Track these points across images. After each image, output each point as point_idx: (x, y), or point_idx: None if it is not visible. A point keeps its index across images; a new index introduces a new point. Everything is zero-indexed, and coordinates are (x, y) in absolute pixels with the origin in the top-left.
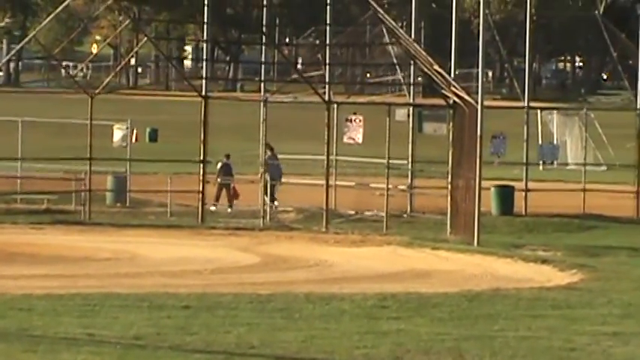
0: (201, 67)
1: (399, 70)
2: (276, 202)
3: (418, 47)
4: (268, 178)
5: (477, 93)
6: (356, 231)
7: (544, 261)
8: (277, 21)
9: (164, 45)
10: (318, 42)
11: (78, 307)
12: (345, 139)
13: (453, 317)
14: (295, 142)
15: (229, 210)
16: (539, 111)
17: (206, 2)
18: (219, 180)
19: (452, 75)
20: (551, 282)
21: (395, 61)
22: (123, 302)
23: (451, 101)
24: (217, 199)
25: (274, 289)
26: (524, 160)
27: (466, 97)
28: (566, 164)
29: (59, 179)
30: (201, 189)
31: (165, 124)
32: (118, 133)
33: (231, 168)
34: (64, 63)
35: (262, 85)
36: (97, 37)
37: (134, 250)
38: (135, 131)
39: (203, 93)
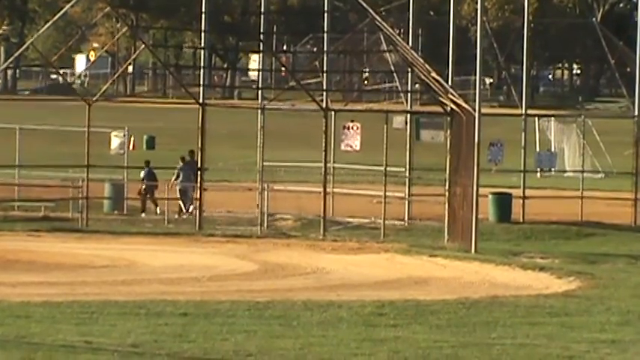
0: (199, 75)
1: (396, 78)
2: (190, 208)
3: (416, 55)
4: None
5: (475, 100)
6: (353, 238)
7: (542, 268)
8: (275, 28)
9: (162, 52)
10: (315, 49)
11: (76, 314)
12: (343, 147)
13: (450, 324)
14: (293, 150)
15: (158, 211)
16: (536, 118)
17: (203, 10)
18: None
19: (449, 82)
20: (549, 289)
21: (392, 68)
22: (120, 310)
23: (449, 109)
24: (144, 207)
25: (272, 297)
26: (522, 168)
27: (463, 104)
28: (564, 171)
29: (57, 186)
30: (199, 196)
31: (163, 131)
32: (115, 141)
33: (154, 174)
34: (61, 70)
35: (260, 92)
36: (95, 45)
37: (132, 258)
38: (132, 138)
39: (200, 100)
